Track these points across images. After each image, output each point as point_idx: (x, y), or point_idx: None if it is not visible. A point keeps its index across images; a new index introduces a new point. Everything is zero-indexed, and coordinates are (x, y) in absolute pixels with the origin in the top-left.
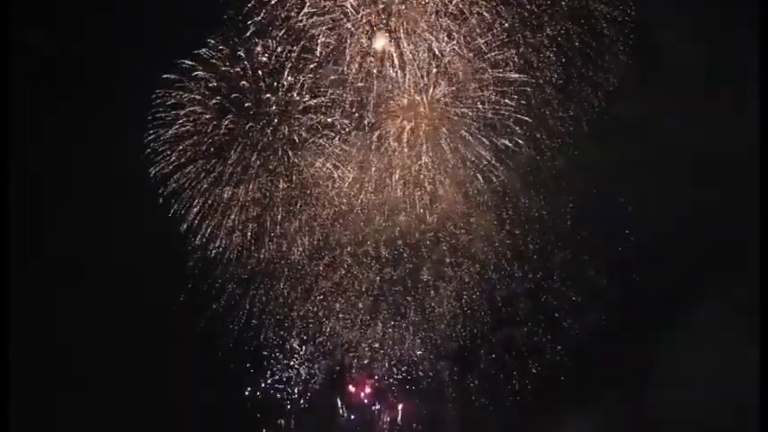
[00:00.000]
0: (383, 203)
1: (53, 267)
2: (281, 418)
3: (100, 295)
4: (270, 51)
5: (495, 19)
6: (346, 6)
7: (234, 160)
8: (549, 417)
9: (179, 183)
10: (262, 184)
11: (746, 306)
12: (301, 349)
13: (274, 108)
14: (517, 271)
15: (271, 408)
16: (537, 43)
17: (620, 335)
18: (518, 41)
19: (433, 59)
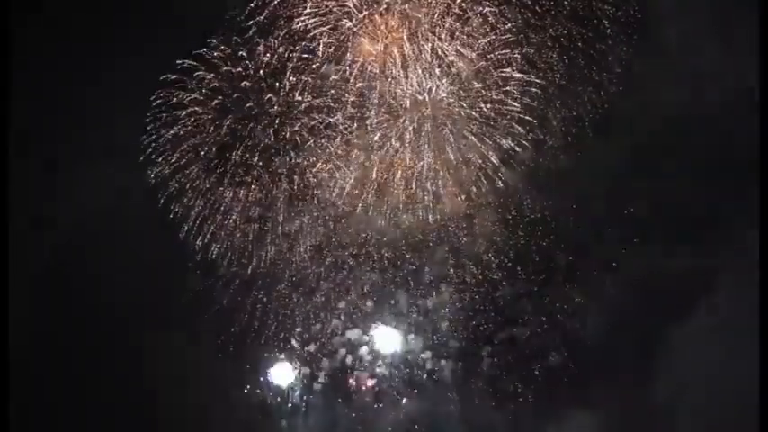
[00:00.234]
0: (385, 204)
1: (53, 267)
2: (282, 419)
3: (100, 295)
4: (272, 51)
5: (498, 19)
6: (348, 6)
7: (235, 161)
8: (552, 417)
9: (180, 183)
10: (263, 185)
11: (746, 306)
12: (303, 350)
13: (276, 108)
14: (520, 272)
15: (271, 408)
16: (540, 43)
17: (621, 335)
18: (521, 41)
19: (436, 59)
